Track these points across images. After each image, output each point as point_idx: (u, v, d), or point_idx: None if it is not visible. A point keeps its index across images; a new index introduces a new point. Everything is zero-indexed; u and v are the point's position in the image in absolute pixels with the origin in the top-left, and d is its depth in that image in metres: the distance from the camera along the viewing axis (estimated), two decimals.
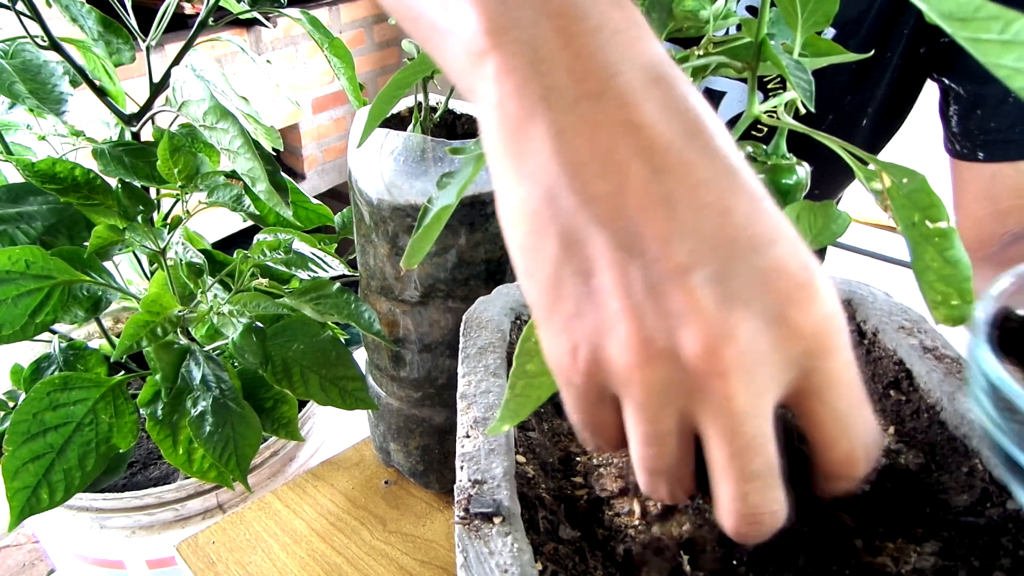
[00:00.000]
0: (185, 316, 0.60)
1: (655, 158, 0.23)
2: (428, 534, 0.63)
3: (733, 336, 0.22)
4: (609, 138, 0.23)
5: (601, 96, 0.23)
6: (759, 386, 0.22)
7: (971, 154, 0.72)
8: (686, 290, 0.22)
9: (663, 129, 0.23)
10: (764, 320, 0.22)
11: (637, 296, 0.23)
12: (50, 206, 0.62)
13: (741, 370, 0.22)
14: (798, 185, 0.38)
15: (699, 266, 0.22)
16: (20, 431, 0.56)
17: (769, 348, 0.22)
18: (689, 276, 0.22)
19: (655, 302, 0.22)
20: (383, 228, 0.54)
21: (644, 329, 0.23)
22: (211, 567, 0.61)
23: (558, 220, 0.23)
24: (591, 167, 0.23)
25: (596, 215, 0.23)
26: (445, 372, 0.60)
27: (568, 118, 0.23)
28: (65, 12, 0.62)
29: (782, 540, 0.35)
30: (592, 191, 0.23)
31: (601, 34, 0.24)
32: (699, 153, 0.23)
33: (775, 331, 0.22)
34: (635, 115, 0.23)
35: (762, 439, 0.23)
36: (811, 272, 0.23)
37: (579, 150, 0.23)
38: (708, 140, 0.23)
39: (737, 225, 0.22)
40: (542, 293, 0.24)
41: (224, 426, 0.59)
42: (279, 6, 0.68)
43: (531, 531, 0.36)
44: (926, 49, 0.73)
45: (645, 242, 0.22)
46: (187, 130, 0.66)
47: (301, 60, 2.27)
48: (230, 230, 2.07)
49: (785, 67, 0.30)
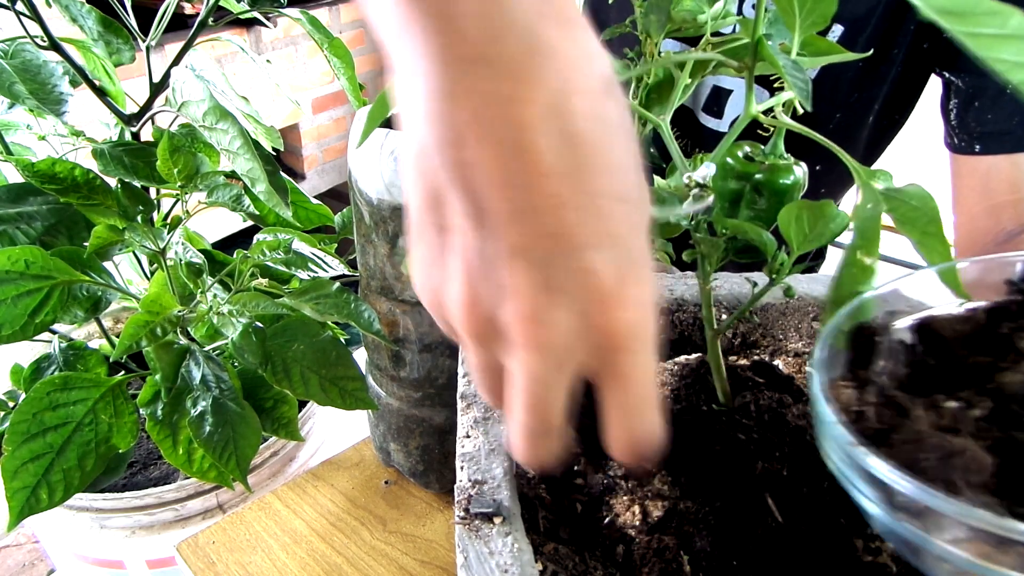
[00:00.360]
0: (185, 316, 0.60)
1: (517, 139, 0.24)
2: (428, 534, 0.63)
3: (542, 320, 0.25)
4: (485, 109, 0.24)
5: (493, 62, 0.24)
6: (554, 362, 0.26)
7: (968, 147, 0.72)
8: (513, 269, 0.25)
9: (534, 113, 0.24)
10: (570, 311, 0.25)
11: (474, 262, 0.26)
12: (50, 206, 0.62)
13: (542, 348, 0.26)
14: (795, 185, 0.38)
15: (528, 251, 0.25)
16: (20, 431, 0.56)
17: (570, 335, 0.26)
18: (518, 258, 0.25)
19: (487, 272, 0.26)
20: (383, 228, 0.54)
21: (474, 291, 0.26)
22: (211, 567, 0.61)
23: (429, 175, 0.26)
24: (463, 134, 0.25)
25: (455, 181, 0.25)
26: (445, 372, 0.60)
27: (455, 82, 0.25)
28: (65, 12, 0.62)
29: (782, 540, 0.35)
30: (456, 158, 0.25)
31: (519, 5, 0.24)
32: (560, 141, 0.25)
33: (577, 323, 0.25)
34: (518, 91, 0.24)
35: (544, 404, 0.27)
36: (625, 283, 0.25)
37: (455, 116, 0.25)
38: (575, 133, 0.25)
39: (567, 222, 0.25)
40: (412, 232, 0.28)
41: (224, 426, 0.59)
42: (279, 6, 0.68)
43: (531, 531, 0.36)
44: (929, 44, 0.73)
45: (489, 217, 0.25)
46: (187, 130, 0.66)
47: (301, 60, 2.27)
48: (230, 230, 2.07)
49: (782, 67, 0.30)
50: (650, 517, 0.38)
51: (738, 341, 0.53)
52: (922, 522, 0.24)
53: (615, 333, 0.26)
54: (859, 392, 0.29)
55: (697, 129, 0.84)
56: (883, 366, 0.30)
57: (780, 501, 0.37)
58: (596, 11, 0.85)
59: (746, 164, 0.38)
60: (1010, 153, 0.69)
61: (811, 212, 0.35)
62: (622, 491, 0.39)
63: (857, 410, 0.28)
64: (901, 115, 0.81)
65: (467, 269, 0.27)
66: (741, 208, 0.39)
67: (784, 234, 0.36)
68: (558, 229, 0.25)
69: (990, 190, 0.71)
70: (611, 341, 0.26)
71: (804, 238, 0.36)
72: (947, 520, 0.23)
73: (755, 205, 0.38)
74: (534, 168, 0.24)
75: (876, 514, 0.26)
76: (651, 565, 0.35)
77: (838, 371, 0.31)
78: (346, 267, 0.69)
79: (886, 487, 0.24)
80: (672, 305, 0.53)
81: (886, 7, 0.71)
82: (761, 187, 0.38)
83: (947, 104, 0.74)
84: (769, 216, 0.38)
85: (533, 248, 0.25)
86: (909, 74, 0.76)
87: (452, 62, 0.24)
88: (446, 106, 0.25)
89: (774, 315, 0.54)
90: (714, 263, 0.40)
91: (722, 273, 0.54)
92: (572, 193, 0.25)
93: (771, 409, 0.41)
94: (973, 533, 0.23)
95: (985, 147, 0.71)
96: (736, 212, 0.39)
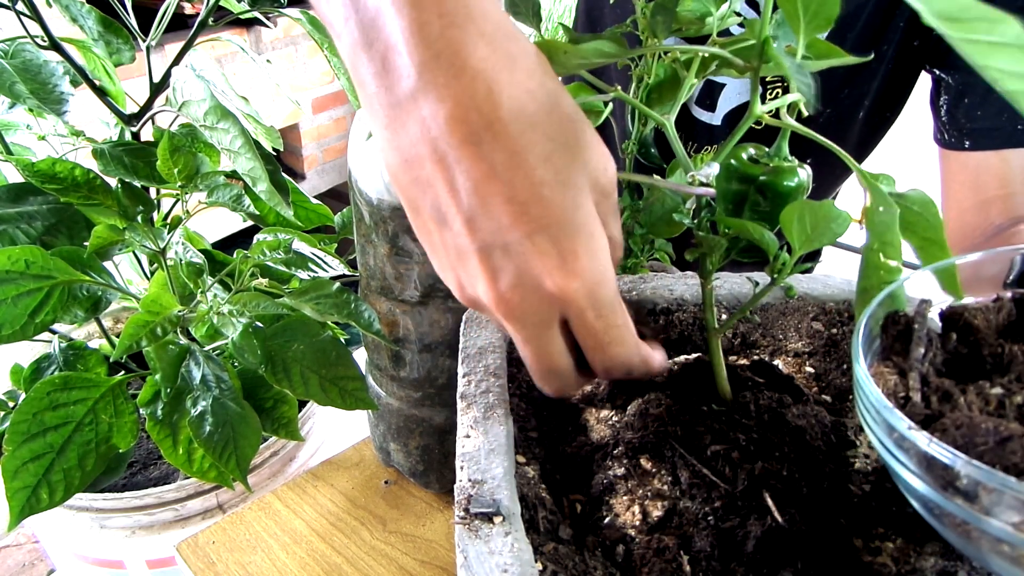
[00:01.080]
0: (185, 316, 0.60)
1: (456, 155, 0.29)
2: (428, 534, 0.63)
3: (507, 299, 0.31)
4: (424, 134, 0.29)
5: (427, 91, 0.29)
6: (532, 326, 0.33)
7: (958, 143, 0.72)
8: (479, 260, 0.31)
9: (464, 130, 0.29)
10: (526, 289, 0.31)
11: (452, 257, 0.32)
12: (50, 206, 0.62)
13: (515, 319, 0.32)
14: (799, 187, 0.37)
15: (484, 247, 0.30)
16: (20, 431, 0.56)
17: (534, 306, 0.32)
18: (478, 253, 0.31)
19: (463, 263, 0.32)
20: (383, 228, 0.54)
21: (459, 280, 0.33)
22: (211, 567, 0.61)
23: (406, 189, 0.32)
24: (410, 159, 0.30)
25: (415, 198, 0.31)
26: (445, 372, 0.60)
27: (394, 118, 0.30)
28: (65, 12, 0.62)
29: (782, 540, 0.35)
30: (411, 177, 0.31)
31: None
32: (492, 147, 0.29)
33: (535, 296, 0.31)
34: (446, 112, 0.29)
35: (543, 354, 0.34)
36: (568, 258, 0.30)
37: (401, 144, 0.30)
38: (501, 135, 0.29)
39: (509, 216, 0.30)
40: (414, 230, 0.34)
41: (224, 426, 0.59)
42: (279, 6, 0.68)
43: (531, 531, 0.36)
44: (920, 42, 0.73)
45: (450, 220, 0.31)
46: (187, 130, 0.66)
47: (301, 60, 2.27)
48: (230, 230, 2.07)
49: (788, 69, 0.30)
50: (650, 517, 0.38)
51: (738, 341, 0.53)
52: (979, 505, 0.25)
53: (571, 300, 0.31)
54: (901, 378, 0.30)
55: (690, 122, 0.84)
56: (921, 353, 0.31)
57: (780, 501, 0.37)
58: (590, 10, 0.85)
59: (750, 166, 0.38)
60: (999, 149, 0.69)
61: (813, 212, 0.35)
62: (622, 491, 0.39)
63: (904, 396, 0.29)
64: (892, 112, 0.82)
65: (448, 263, 0.33)
66: (744, 210, 0.38)
67: (786, 234, 0.36)
68: (504, 223, 0.30)
69: (979, 185, 0.71)
70: (569, 306, 0.32)
71: (806, 238, 0.35)
72: (1007, 502, 0.24)
73: (758, 207, 0.38)
74: (472, 176, 0.29)
75: (928, 496, 0.26)
76: (651, 565, 0.35)
77: (875, 358, 0.32)
78: (346, 267, 0.69)
79: (946, 469, 0.25)
80: (672, 305, 0.53)
81: (876, 4, 0.71)
82: (765, 189, 0.38)
83: (937, 100, 0.74)
84: (772, 218, 0.38)
85: (488, 243, 0.30)
86: (899, 71, 0.76)
87: (390, 103, 0.30)
88: (393, 136, 0.30)
89: (774, 315, 0.54)
90: (716, 262, 0.40)
91: (722, 273, 0.54)
92: (509, 189, 0.29)
93: (771, 409, 0.41)
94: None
95: (975, 143, 0.71)
96: (739, 213, 0.39)
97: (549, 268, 0.30)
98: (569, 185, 0.30)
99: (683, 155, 0.40)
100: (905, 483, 0.27)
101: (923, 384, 0.30)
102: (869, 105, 0.78)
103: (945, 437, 0.26)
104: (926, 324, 0.32)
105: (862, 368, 0.30)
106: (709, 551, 0.36)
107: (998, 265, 0.34)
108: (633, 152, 0.52)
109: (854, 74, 0.76)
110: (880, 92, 0.77)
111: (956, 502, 0.25)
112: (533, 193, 0.29)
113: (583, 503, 0.41)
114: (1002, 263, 0.34)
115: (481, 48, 0.29)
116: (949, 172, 0.75)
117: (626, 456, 0.41)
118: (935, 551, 0.35)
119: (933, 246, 0.34)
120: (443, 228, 0.31)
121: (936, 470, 0.26)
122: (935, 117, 0.75)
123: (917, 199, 0.34)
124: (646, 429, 0.41)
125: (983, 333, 0.31)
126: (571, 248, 0.30)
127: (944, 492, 0.26)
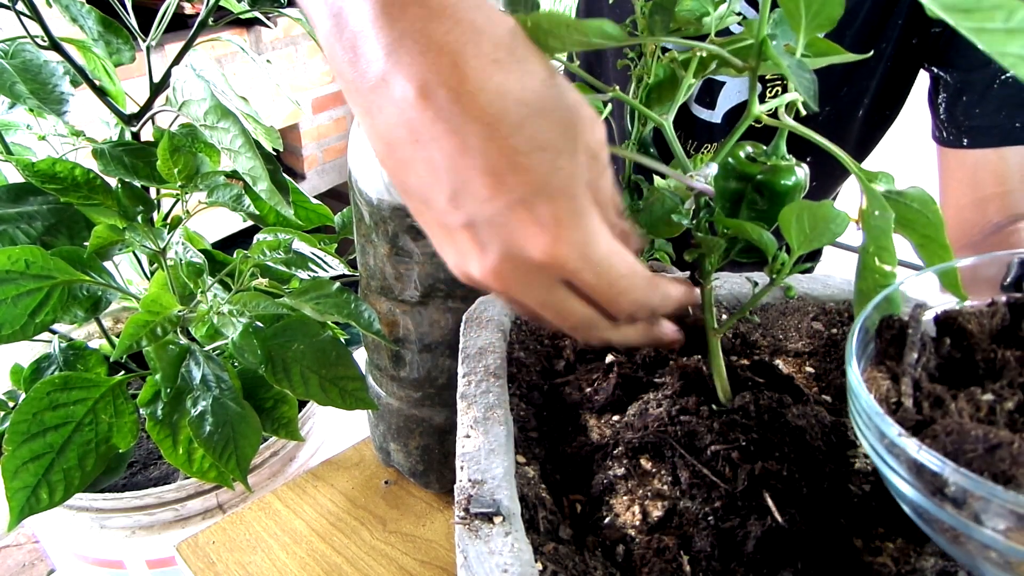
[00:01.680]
0: (185, 316, 0.60)
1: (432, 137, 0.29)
2: (428, 534, 0.63)
3: (500, 273, 0.32)
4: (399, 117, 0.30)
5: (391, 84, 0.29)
6: (535, 294, 0.33)
7: (956, 140, 0.72)
8: (468, 236, 0.31)
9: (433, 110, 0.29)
10: (519, 259, 0.31)
11: (441, 235, 0.33)
12: (50, 206, 0.62)
13: (514, 291, 0.33)
14: (797, 186, 0.38)
15: (470, 224, 0.31)
16: (20, 431, 0.56)
17: (527, 276, 0.32)
18: (465, 230, 0.31)
19: (454, 241, 0.32)
20: (383, 228, 0.54)
21: (454, 258, 0.33)
22: (211, 567, 0.61)
23: (393, 172, 0.32)
24: (392, 146, 0.31)
25: (407, 174, 0.32)
26: (445, 372, 0.60)
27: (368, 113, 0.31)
28: (65, 12, 0.62)
29: (782, 540, 0.35)
30: (397, 159, 0.31)
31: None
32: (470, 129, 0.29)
33: (527, 265, 0.31)
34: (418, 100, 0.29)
35: (562, 314, 0.34)
36: (557, 222, 0.30)
37: (381, 131, 0.31)
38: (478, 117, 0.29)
39: (489, 189, 0.30)
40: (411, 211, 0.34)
41: (224, 426, 0.59)
42: (279, 6, 0.68)
43: (531, 531, 0.36)
44: (918, 39, 0.73)
45: (435, 198, 0.31)
46: (187, 130, 0.66)
47: (301, 60, 2.26)
48: (230, 230, 2.07)
49: (787, 67, 0.30)
50: (650, 517, 0.38)
51: (738, 341, 0.53)
52: (968, 511, 0.25)
53: (561, 264, 0.31)
54: (894, 384, 0.30)
55: (689, 120, 0.84)
56: (914, 358, 0.31)
57: (780, 501, 0.37)
58: (590, 10, 0.85)
59: (748, 164, 0.38)
60: (997, 146, 0.70)
61: (811, 212, 0.35)
62: (622, 491, 0.39)
63: (895, 401, 0.29)
64: (891, 110, 0.82)
65: (440, 243, 0.33)
66: (742, 208, 0.39)
67: (785, 234, 0.36)
68: (483, 195, 0.30)
69: (977, 183, 0.71)
70: (563, 270, 0.32)
71: (805, 238, 0.35)
72: (995, 510, 0.24)
73: (756, 206, 0.38)
74: (447, 152, 0.29)
75: (918, 502, 0.26)
76: (651, 565, 0.35)
77: (869, 362, 0.32)
78: (346, 267, 0.69)
79: (935, 477, 0.25)
80: None
81: (874, 2, 0.71)
82: (762, 188, 0.38)
83: (935, 98, 0.74)
84: (770, 217, 0.38)
85: (473, 218, 0.30)
86: (898, 69, 0.76)
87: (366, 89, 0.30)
88: (373, 122, 0.31)
89: (774, 315, 0.54)
90: (715, 263, 0.40)
91: (722, 273, 0.54)
92: (484, 161, 0.29)
93: (771, 409, 0.41)
94: (1021, 523, 0.23)
95: (973, 141, 0.71)
96: (737, 212, 0.39)
97: (533, 236, 0.30)
98: (547, 149, 0.30)
99: (682, 155, 0.40)
100: (896, 489, 0.27)
101: (915, 389, 0.30)
102: (868, 104, 0.78)
103: (935, 444, 0.26)
104: (920, 328, 0.32)
105: (855, 373, 0.30)
106: (709, 551, 0.36)
107: (995, 268, 0.34)
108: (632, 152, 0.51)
109: (853, 72, 0.76)
110: (879, 90, 0.77)
111: (945, 509, 0.25)
112: (508, 162, 0.29)
113: (583, 503, 0.41)
114: (999, 266, 0.34)
115: (445, 22, 0.29)
116: (947, 170, 0.75)
117: (626, 456, 0.41)
118: (935, 551, 0.35)
119: (933, 244, 0.34)
120: (430, 207, 0.31)
121: (926, 477, 0.26)
122: (933, 115, 0.75)
123: (917, 197, 0.34)
124: (646, 429, 0.41)
125: (977, 338, 0.31)
126: (552, 213, 0.30)
127: (933, 499, 0.26)
